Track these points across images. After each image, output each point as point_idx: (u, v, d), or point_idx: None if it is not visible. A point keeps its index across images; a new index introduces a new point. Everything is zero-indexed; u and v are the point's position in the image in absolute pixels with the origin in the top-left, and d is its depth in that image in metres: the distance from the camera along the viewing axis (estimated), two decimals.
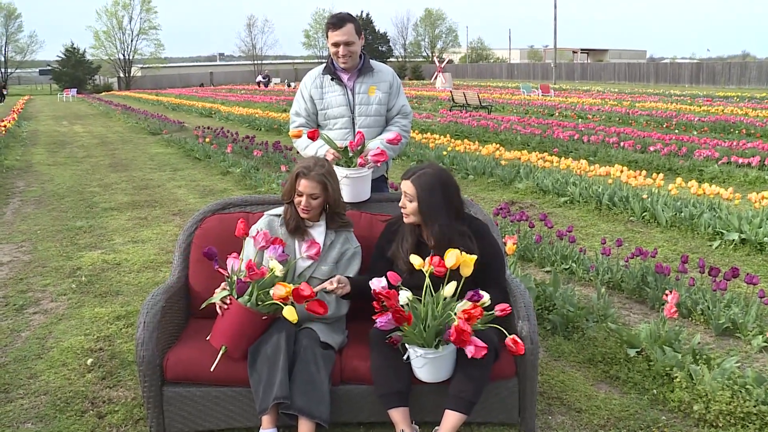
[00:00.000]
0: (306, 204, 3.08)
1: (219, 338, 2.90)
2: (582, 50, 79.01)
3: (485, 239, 3.05)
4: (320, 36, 79.57)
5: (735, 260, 5.75)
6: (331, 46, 3.69)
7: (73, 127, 22.74)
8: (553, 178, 8.71)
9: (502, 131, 14.91)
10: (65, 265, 5.87)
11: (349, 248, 3.21)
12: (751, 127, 15.54)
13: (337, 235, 3.21)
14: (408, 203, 2.99)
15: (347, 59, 3.69)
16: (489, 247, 3.05)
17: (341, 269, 3.15)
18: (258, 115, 21.67)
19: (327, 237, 3.19)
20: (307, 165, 3.12)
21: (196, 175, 11.07)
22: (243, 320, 2.86)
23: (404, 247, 3.04)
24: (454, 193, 3.00)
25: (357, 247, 3.25)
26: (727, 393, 3.09)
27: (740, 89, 40.55)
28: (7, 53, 73.30)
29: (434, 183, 2.95)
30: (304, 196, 3.08)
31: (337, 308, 3.12)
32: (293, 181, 3.11)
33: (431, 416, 2.91)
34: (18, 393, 3.51)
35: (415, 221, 3.02)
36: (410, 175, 2.99)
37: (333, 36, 3.64)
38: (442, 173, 3.01)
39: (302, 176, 3.08)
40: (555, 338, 4.10)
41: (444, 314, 2.67)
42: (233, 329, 2.87)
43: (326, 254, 3.16)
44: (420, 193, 2.94)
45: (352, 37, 3.65)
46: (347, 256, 3.19)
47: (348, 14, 3.69)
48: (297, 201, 3.11)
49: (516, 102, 26.83)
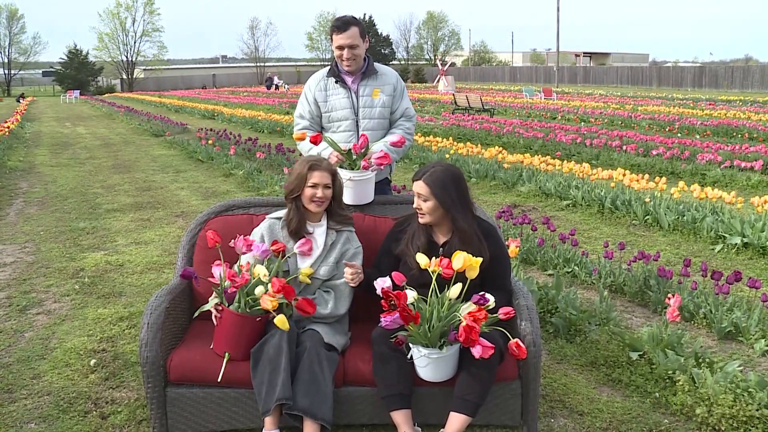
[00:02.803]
0: (321, 194, 3.12)
1: (220, 346, 2.93)
2: (585, 53, 79.10)
3: (493, 242, 3.06)
4: (323, 39, 79.70)
5: (737, 264, 5.75)
6: (336, 49, 3.70)
7: (76, 128, 22.79)
8: (555, 182, 8.71)
9: (504, 134, 14.91)
10: (68, 266, 5.88)
11: (350, 248, 3.22)
12: (754, 131, 15.53)
13: (339, 235, 3.22)
14: (423, 203, 2.99)
15: (352, 62, 3.70)
16: (497, 249, 3.06)
17: (342, 269, 3.16)
18: (261, 118, 21.70)
19: (328, 237, 3.20)
20: (315, 158, 3.21)
21: (199, 177, 11.08)
22: (237, 326, 2.88)
23: (415, 244, 3.05)
24: (466, 188, 3.01)
25: (358, 247, 3.26)
26: (729, 397, 3.08)
27: (743, 93, 40.53)
28: (11, 55, 73.50)
29: (446, 179, 2.97)
30: (320, 187, 3.11)
31: (335, 307, 3.12)
32: (303, 175, 3.12)
33: (433, 418, 2.91)
34: (21, 393, 3.52)
35: (431, 221, 3.03)
36: (421, 175, 3.01)
37: (338, 39, 3.66)
38: (451, 169, 3.04)
39: (315, 168, 3.12)
40: (557, 341, 4.10)
41: (449, 315, 2.68)
42: (231, 335, 2.89)
43: (327, 254, 3.17)
44: (435, 190, 2.95)
45: (357, 41, 3.66)
46: (348, 256, 3.20)
47: (353, 17, 3.70)
48: (310, 194, 3.12)
49: (518, 105, 26.84)
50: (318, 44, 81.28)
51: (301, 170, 3.14)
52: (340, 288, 3.16)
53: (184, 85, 69.08)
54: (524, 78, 63.23)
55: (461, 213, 2.98)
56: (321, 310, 3.07)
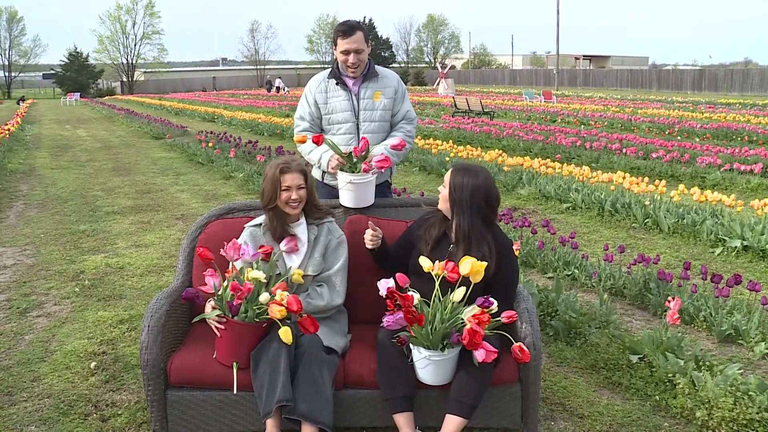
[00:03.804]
0: (296, 196, 3.14)
1: (227, 356, 2.89)
2: (584, 56, 79.11)
3: (505, 256, 3.05)
4: (323, 41, 79.84)
5: (737, 267, 5.76)
6: (341, 54, 3.68)
7: (76, 131, 22.80)
8: (555, 185, 8.72)
9: (504, 137, 14.92)
10: (68, 269, 5.88)
11: (333, 239, 3.26)
12: (754, 134, 15.54)
13: (320, 228, 3.25)
14: (442, 189, 3.09)
15: (356, 68, 3.69)
16: (509, 263, 3.05)
17: (329, 260, 3.19)
18: (261, 120, 21.71)
19: (310, 232, 3.23)
20: (284, 161, 3.21)
21: (199, 180, 11.09)
22: (245, 335, 2.87)
23: (431, 233, 3.12)
24: (485, 199, 3.01)
25: (341, 236, 3.30)
26: (729, 400, 3.09)
27: (742, 96, 40.56)
28: (11, 57, 73.56)
29: (469, 182, 3.00)
30: (293, 189, 3.14)
31: (331, 298, 3.13)
32: (276, 179, 3.14)
33: (434, 421, 2.91)
34: (21, 396, 3.52)
35: (444, 209, 3.09)
36: (457, 166, 3.09)
37: (343, 44, 3.64)
38: (481, 177, 3.03)
39: (286, 171, 3.15)
40: (557, 344, 4.11)
41: (452, 318, 2.69)
42: (238, 345, 2.87)
43: (313, 249, 3.19)
44: (453, 184, 3.01)
45: (362, 45, 3.65)
46: (332, 246, 3.23)
47: (357, 22, 3.70)
48: (285, 198, 3.15)
49: (518, 108, 26.86)
50: (318, 47, 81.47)
51: (273, 174, 3.15)
52: (332, 279, 3.18)
53: (185, 87, 69.08)
54: (524, 81, 63.29)
55: (467, 216, 2.98)
56: (318, 302, 3.08)
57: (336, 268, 3.20)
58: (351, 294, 3.36)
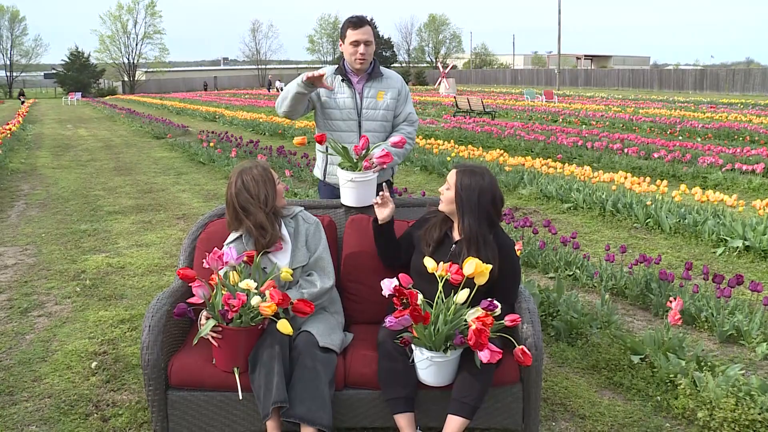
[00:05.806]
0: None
1: (227, 363, 2.87)
2: (586, 56, 79.05)
3: (508, 257, 3.04)
4: (324, 41, 79.92)
5: (739, 267, 5.75)
6: (350, 46, 3.70)
7: (77, 130, 22.82)
8: (556, 185, 8.71)
9: (505, 137, 14.92)
10: (69, 269, 5.88)
11: (309, 226, 3.24)
12: (755, 134, 15.53)
13: (295, 220, 3.24)
14: (446, 191, 3.07)
15: (364, 60, 3.72)
16: (511, 264, 3.05)
17: (312, 247, 3.18)
18: (262, 120, 21.72)
19: (288, 227, 3.21)
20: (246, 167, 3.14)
21: (200, 180, 11.09)
22: (242, 339, 2.85)
23: (432, 234, 3.11)
24: (490, 201, 3.00)
25: (314, 220, 3.29)
26: (731, 400, 3.08)
27: (744, 96, 40.53)
28: (12, 56, 73.65)
29: (474, 183, 2.99)
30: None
31: (322, 282, 3.10)
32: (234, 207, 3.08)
33: (435, 422, 2.91)
34: (22, 396, 3.52)
35: (447, 211, 3.08)
36: (460, 167, 3.08)
37: (353, 34, 3.67)
38: (486, 178, 3.03)
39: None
40: (559, 344, 4.10)
41: (455, 319, 2.69)
42: (237, 351, 2.85)
43: (296, 242, 3.17)
44: (458, 185, 3.00)
45: (371, 38, 3.72)
46: (311, 233, 3.22)
47: (366, 17, 3.77)
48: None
49: (520, 108, 26.87)
50: (319, 47, 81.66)
51: (231, 203, 3.09)
52: (319, 262, 3.16)
53: (186, 87, 69.17)
54: (525, 80, 63.29)
55: (474, 217, 2.98)
56: (311, 290, 3.06)
57: (320, 249, 3.19)
58: (351, 294, 3.35)
